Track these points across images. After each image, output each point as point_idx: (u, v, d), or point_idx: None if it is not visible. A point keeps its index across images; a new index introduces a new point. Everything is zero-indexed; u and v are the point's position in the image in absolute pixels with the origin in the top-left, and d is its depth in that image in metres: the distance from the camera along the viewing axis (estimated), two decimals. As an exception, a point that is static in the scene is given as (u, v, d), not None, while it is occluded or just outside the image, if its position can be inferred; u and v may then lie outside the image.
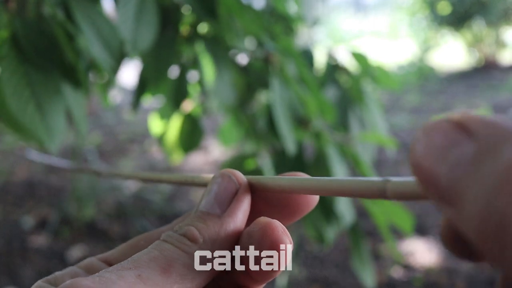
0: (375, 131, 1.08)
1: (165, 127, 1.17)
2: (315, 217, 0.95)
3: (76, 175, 2.40)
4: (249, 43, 1.04)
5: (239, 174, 0.27)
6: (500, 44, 5.59)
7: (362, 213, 1.55)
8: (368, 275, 1.00)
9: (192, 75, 1.09)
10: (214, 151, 3.03)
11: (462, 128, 0.16)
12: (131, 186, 2.48)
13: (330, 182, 0.23)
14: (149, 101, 1.23)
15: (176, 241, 0.23)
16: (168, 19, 0.89)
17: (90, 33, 0.71)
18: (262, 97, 1.09)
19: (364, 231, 1.87)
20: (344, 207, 0.90)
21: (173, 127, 1.15)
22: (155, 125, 1.21)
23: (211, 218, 0.25)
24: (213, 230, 0.24)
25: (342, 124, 1.06)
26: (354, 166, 0.97)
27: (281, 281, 1.42)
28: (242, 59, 1.04)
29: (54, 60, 0.67)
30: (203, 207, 0.25)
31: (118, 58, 0.75)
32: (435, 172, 0.16)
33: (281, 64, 0.94)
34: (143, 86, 0.95)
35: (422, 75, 5.64)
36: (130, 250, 0.27)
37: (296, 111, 0.96)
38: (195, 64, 1.04)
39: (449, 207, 0.16)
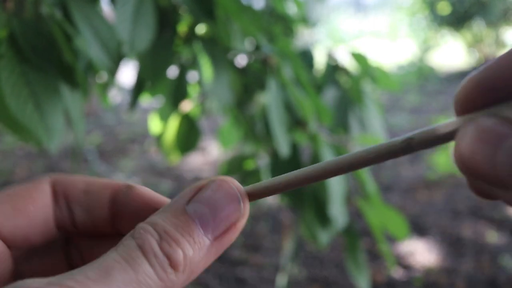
0: (374, 132, 1.08)
1: (163, 127, 1.17)
2: (309, 220, 0.94)
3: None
4: (248, 44, 1.04)
5: (247, 202, 0.24)
6: (500, 44, 5.59)
7: (361, 213, 1.55)
8: (363, 277, 1.00)
9: (192, 75, 1.09)
10: (213, 152, 3.03)
11: (509, 122, 0.17)
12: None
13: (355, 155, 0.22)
14: (148, 101, 1.23)
15: (158, 265, 0.21)
16: (166, 20, 0.89)
17: (88, 34, 0.71)
18: (260, 99, 1.08)
19: (363, 231, 1.87)
20: (338, 210, 0.89)
21: (171, 127, 1.14)
22: (155, 125, 1.21)
23: (201, 242, 0.22)
24: (197, 258, 0.22)
25: (342, 125, 1.06)
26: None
27: (281, 281, 1.42)
28: (241, 60, 1.04)
29: (52, 60, 0.67)
30: (199, 227, 0.22)
31: (116, 59, 0.75)
32: (492, 160, 0.17)
33: (279, 66, 0.94)
34: (141, 86, 0.95)
35: (422, 75, 5.63)
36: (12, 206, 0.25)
37: (294, 113, 0.96)
38: (194, 64, 1.04)
39: (506, 190, 0.17)
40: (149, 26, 0.76)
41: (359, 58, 1.12)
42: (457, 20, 5.46)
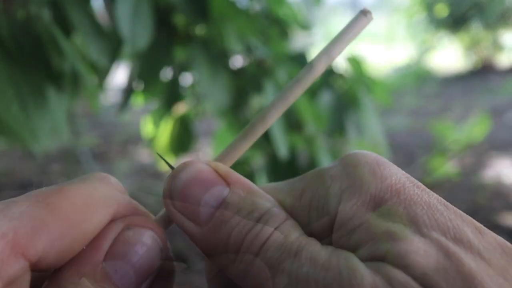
0: (371, 136, 1.07)
1: (157, 130, 1.15)
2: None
3: (69, 176, 2.37)
4: (242, 46, 1.03)
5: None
6: (497, 47, 5.60)
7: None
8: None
9: (186, 78, 1.08)
10: (207, 154, 3.02)
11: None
12: (126, 187, 2.46)
13: None
14: (141, 103, 1.21)
15: None
16: (163, 20, 0.88)
17: (86, 32, 0.70)
18: (255, 102, 1.07)
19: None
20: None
21: (165, 130, 1.13)
22: (148, 127, 1.19)
23: None
24: None
25: (338, 129, 1.04)
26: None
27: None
28: (236, 62, 1.03)
29: (39, 61, 0.65)
30: None
31: (112, 58, 0.75)
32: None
33: (274, 69, 0.93)
34: (132, 87, 0.94)
35: (419, 78, 5.63)
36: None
37: (290, 116, 0.94)
38: (189, 66, 1.03)
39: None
40: (147, 25, 0.76)
41: (354, 63, 1.10)
42: (454, 23, 5.46)
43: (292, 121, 0.96)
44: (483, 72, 5.51)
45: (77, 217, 0.21)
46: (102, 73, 0.83)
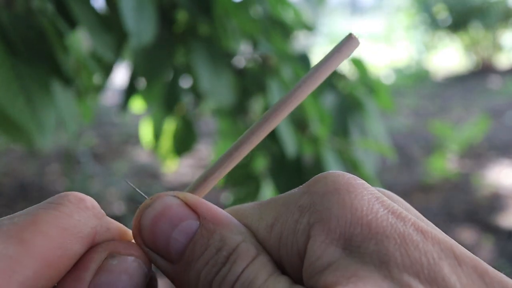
0: (375, 137, 1.06)
1: (157, 131, 1.15)
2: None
3: (68, 176, 2.37)
4: (246, 46, 1.02)
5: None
6: (497, 47, 5.60)
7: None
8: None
9: (186, 80, 1.07)
10: (206, 155, 3.01)
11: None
12: (124, 188, 2.46)
13: None
14: (142, 106, 1.20)
15: None
16: (165, 17, 0.88)
17: (90, 26, 0.70)
18: (258, 104, 1.07)
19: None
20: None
21: (167, 131, 1.12)
22: (146, 130, 1.19)
23: None
24: None
25: (342, 130, 1.04)
26: (354, 171, 0.95)
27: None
28: (238, 62, 1.02)
29: (43, 54, 0.65)
30: None
31: (117, 52, 0.75)
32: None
33: (278, 67, 0.92)
34: (133, 87, 0.93)
35: (419, 78, 5.63)
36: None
37: (294, 115, 0.94)
38: (190, 65, 1.02)
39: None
40: (152, 19, 0.75)
41: (357, 64, 1.10)
42: (454, 23, 5.46)
43: (297, 121, 0.96)
44: (482, 72, 5.51)
45: (53, 253, 0.20)
46: (106, 69, 0.82)
